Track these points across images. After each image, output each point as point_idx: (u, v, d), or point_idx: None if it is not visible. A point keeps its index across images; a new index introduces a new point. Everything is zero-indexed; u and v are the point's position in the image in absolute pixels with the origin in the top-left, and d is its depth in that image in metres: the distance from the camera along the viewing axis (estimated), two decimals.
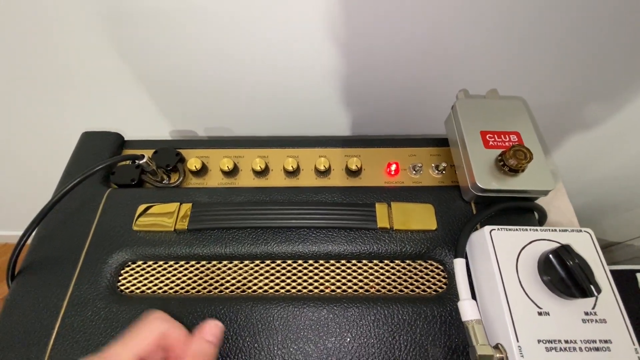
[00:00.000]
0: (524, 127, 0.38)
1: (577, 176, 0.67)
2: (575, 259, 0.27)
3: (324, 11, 0.37)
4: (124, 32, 0.41)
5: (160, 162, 0.42)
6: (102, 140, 0.45)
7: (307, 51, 0.42)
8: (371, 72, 0.45)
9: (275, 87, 0.48)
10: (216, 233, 0.37)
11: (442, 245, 0.36)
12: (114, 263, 0.36)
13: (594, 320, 0.28)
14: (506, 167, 0.35)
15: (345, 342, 0.31)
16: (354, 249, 0.36)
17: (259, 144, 0.45)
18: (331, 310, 0.33)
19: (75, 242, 0.37)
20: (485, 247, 0.31)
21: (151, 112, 0.53)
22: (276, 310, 0.33)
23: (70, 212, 0.39)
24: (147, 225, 0.37)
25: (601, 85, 0.47)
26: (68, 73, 0.46)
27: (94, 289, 0.34)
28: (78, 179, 0.36)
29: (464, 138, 0.37)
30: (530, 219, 0.37)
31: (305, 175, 0.42)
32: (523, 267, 0.30)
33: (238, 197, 0.39)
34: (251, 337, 0.32)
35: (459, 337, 0.31)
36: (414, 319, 0.32)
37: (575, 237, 0.32)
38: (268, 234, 0.37)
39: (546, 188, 0.35)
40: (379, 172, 0.42)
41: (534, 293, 0.29)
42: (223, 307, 0.33)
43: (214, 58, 0.44)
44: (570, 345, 0.27)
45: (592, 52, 0.42)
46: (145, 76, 0.47)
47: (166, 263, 0.37)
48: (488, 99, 0.42)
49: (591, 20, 0.38)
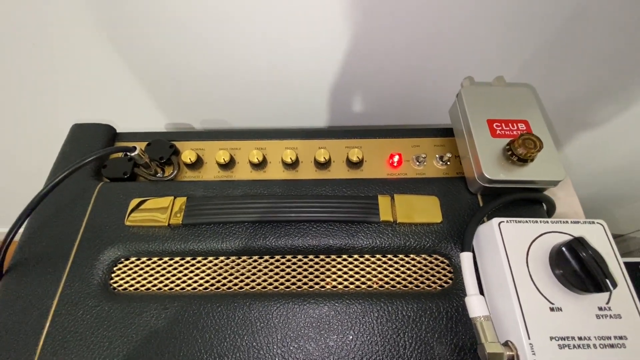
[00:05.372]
0: (532, 115, 0.37)
1: (582, 167, 0.66)
2: (590, 252, 0.26)
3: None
4: (116, 21, 0.39)
5: (153, 155, 0.40)
6: (93, 132, 0.43)
7: (306, 40, 0.41)
8: (372, 60, 0.43)
9: (273, 77, 0.46)
10: (212, 228, 0.35)
11: (448, 238, 0.34)
12: (106, 260, 0.34)
13: (609, 315, 0.27)
14: (515, 156, 0.33)
15: (347, 340, 0.30)
16: (356, 243, 0.34)
17: (257, 135, 0.43)
18: (333, 307, 0.31)
19: (65, 239, 0.35)
20: (493, 241, 0.30)
21: (145, 104, 0.51)
22: (275, 308, 0.31)
23: (61, 207, 0.37)
24: (140, 220, 0.36)
25: (609, 78, 0.46)
26: (58, 63, 0.45)
27: (85, 286, 0.33)
28: (67, 172, 0.34)
29: (470, 127, 0.36)
30: (538, 210, 0.36)
31: (305, 167, 0.41)
32: (534, 261, 0.29)
33: (235, 190, 0.38)
34: (249, 336, 0.30)
35: (466, 334, 0.30)
36: (419, 315, 0.31)
37: (588, 229, 0.30)
38: (266, 228, 0.35)
39: (557, 178, 0.33)
40: (381, 163, 0.41)
41: (546, 288, 0.28)
42: (220, 305, 0.32)
43: (209, 47, 0.42)
44: (584, 342, 0.26)
45: (600, 45, 0.41)
46: (138, 67, 0.45)
47: (160, 259, 0.35)
48: (494, 86, 0.40)
49: (598, 15, 0.37)
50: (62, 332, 0.31)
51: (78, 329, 0.31)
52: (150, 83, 0.48)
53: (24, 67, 0.45)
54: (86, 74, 0.46)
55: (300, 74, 0.46)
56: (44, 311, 0.32)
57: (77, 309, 0.32)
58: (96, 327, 0.31)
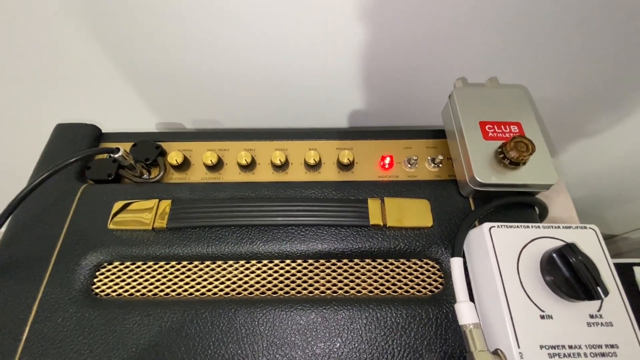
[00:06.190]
0: (525, 117, 0.36)
1: (574, 169, 0.66)
2: (581, 258, 0.25)
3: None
4: (103, 15, 0.38)
5: (139, 156, 0.39)
6: (77, 132, 0.42)
7: (297, 39, 0.40)
8: (364, 60, 0.43)
9: (266, 77, 0.45)
10: (197, 232, 0.34)
11: (438, 243, 0.34)
12: (88, 264, 0.33)
13: (600, 323, 0.26)
14: (507, 159, 0.32)
15: (335, 348, 0.29)
16: (345, 247, 0.34)
17: (245, 136, 0.42)
18: (320, 313, 0.31)
19: (46, 242, 0.34)
20: (484, 246, 0.29)
21: (133, 104, 0.50)
22: (261, 314, 0.31)
23: (42, 210, 0.36)
24: (124, 223, 0.35)
25: (601, 80, 0.45)
26: (41, 59, 0.43)
27: (66, 292, 0.32)
28: (48, 172, 0.33)
29: (462, 129, 0.35)
30: (531, 214, 0.35)
31: (294, 169, 0.40)
32: (524, 267, 0.28)
33: (222, 192, 0.37)
34: (234, 343, 0.30)
35: (455, 342, 0.29)
36: (408, 322, 0.30)
37: (580, 235, 0.30)
38: (253, 232, 0.34)
39: (549, 182, 0.33)
40: (372, 165, 0.40)
41: (536, 295, 0.27)
42: (205, 311, 0.31)
43: (199, 45, 0.41)
44: (575, 350, 0.25)
45: (595, 45, 0.40)
46: (127, 65, 0.44)
47: (144, 264, 0.34)
48: (487, 88, 0.39)
49: (593, 15, 0.36)
50: (41, 340, 0.30)
51: (58, 337, 0.30)
52: (140, 82, 0.47)
53: (6, 65, 0.44)
54: (71, 71, 0.45)
55: (291, 77, 0.45)
56: (22, 318, 0.31)
57: (57, 315, 0.31)
58: (77, 334, 0.30)
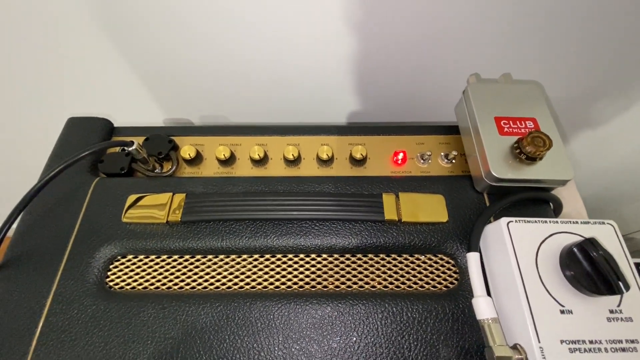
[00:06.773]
0: (540, 113, 0.36)
1: (585, 166, 0.65)
2: (602, 253, 0.25)
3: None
4: (115, 15, 0.38)
5: (151, 150, 0.39)
6: (89, 126, 0.42)
7: (309, 35, 0.40)
8: (376, 56, 0.42)
9: (276, 74, 0.45)
10: (211, 225, 0.34)
11: (454, 238, 0.33)
12: (101, 257, 0.33)
13: (620, 318, 0.26)
14: (523, 155, 0.32)
15: (351, 342, 0.29)
16: (360, 242, 0.33)
17: (258, 131, 0.42)
18: (336, 307, 0.30)
19: (60, 235, 0.34)
20: (502, 241, 0.29)
21: (144, 99, 0.50)
22: (277, 308, 0.30)
23: (55, 203, 0.36)
24: (138, 217, 0.35)
25: (614, 76, 0.45)
26: (55, 56, 0.43)
27: (80, 285, 0.32)
28: (61, 166, 0.33)
29: (477, 124, 0.35)
30: (546, 210, 0.35)
31: (307, 164, 0.40)
32: (543, 262, 0.28)
33: (235, 187, 0.37)
34: (250, 337, 0.29)
35: (472, 337, 0.29)
36: (424, 316, 0.30)
37: (598, 230, 0.29)
38: (267, 226, 0.34)
39: (565, 177, 0.32)
40: (385, 161, 0.40)
41: (556, 290, 0.27)
42: (220, 304, 0.31)
43: (210, 40, 0.41)
44: (595, 345, 0.25)
45: (605, 45, 0.40)
46: (137, 61, 0.44)
47: (158, 257, 0.34)
48: (501, 83, 0.39)
49: (605, 15, 0.36)
50: (56, 332, 0.30)
51: (72, 329, 0.30)
52: (150, 78, 0.47)
53: (19, 59, 0.44)
54: (84, 67, 0.45)
55: (303, 72, 0.45)
56: (37, 310, 0.31)
57: (72, 308, 0.31)
58: (91, 327, 0.30)
